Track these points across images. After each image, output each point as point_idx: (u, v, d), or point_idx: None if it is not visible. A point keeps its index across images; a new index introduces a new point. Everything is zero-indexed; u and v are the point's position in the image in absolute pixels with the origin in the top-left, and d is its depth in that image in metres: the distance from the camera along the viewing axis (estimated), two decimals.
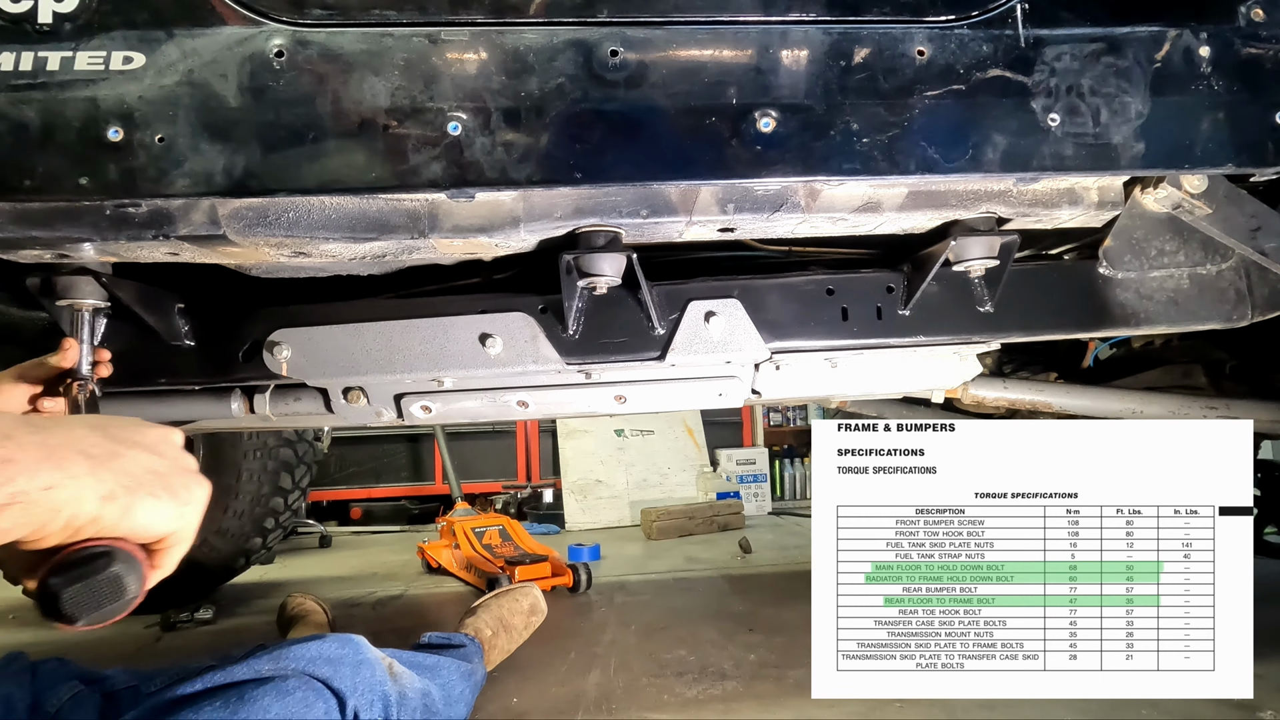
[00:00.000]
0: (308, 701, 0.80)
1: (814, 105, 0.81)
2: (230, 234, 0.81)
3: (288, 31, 0.76)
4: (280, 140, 0.75)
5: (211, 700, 0.77)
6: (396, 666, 0.99)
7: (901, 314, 1.06)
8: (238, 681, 0.80)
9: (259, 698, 0.77)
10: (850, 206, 0.91)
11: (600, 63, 0.79)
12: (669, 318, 1.05)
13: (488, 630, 1.45)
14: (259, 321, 1.06)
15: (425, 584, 2.55)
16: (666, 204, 0.87)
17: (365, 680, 0.88)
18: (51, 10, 0.73)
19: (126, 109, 0.74)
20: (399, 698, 0.93)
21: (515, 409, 1.19)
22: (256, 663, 0.83)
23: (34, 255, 0.84)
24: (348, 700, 0.84)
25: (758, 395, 1.21)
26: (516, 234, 0.88)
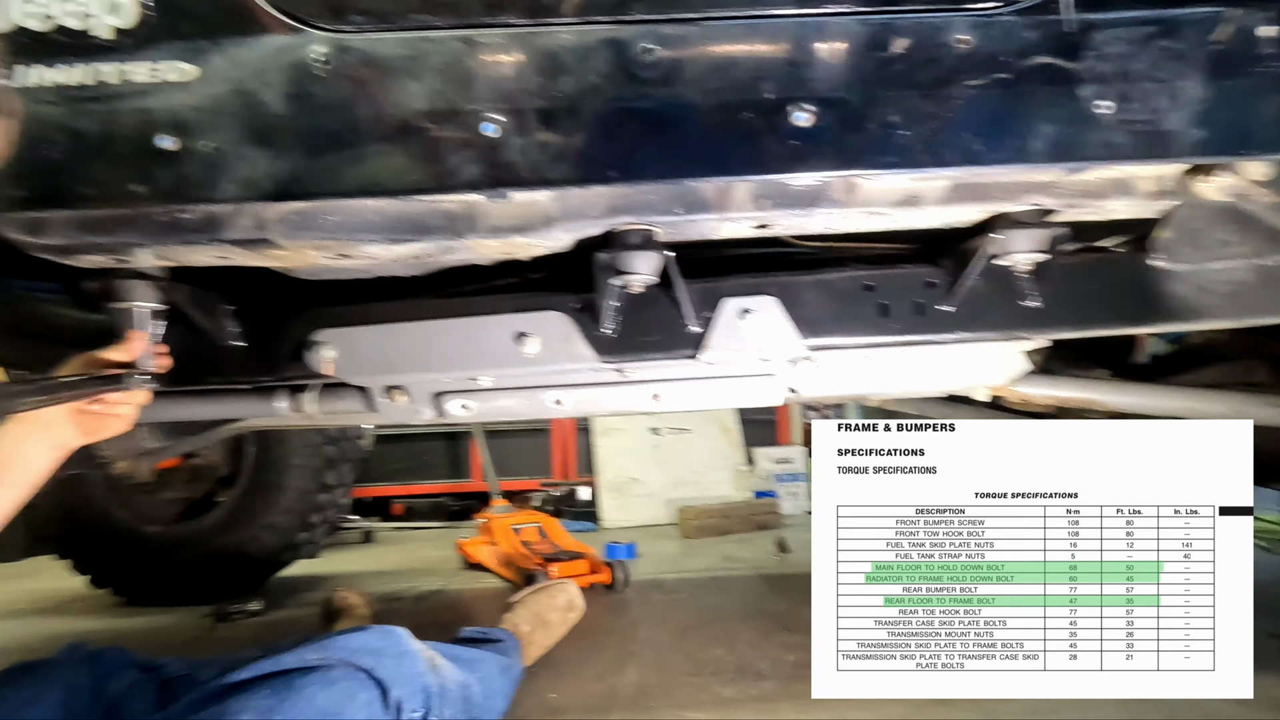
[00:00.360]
0: (351, 691, 0.82)
1: (851, 98, 0.79)
2: (276, 237, 0.83)
3: (329, 39, 0.78)
4: (322, 145, 0.77)
5: (259, 688, 0.79)
6: (438, 659, 1.01)
7: (944, 310, 1.03)
8: (285, 670, 0.82)
9: (304, 686, 0.80)
10: (889, 201, 0.89)
11: (634, 60, 0.79)
12: (704, 315, 1.05)
13: (525, 626, 1.47)
14: (304, 322, 1.09)
15: (464, 580, 2.59)
16: (701, 201, 0.87)
17: (407, 671, 0.90)
18: (110, 25, 0.77)
19: (178, 118, 0.77)
20: (440, 690, 0.94)
21: (551, 407, 1.19)
22: (303, 652, 0.86)
23: (94, 260, 0.88)
24: (390, 691, 0.86)
25: (795, 393, 1.20)
26: (552, 234, 0.88)
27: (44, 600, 2.50)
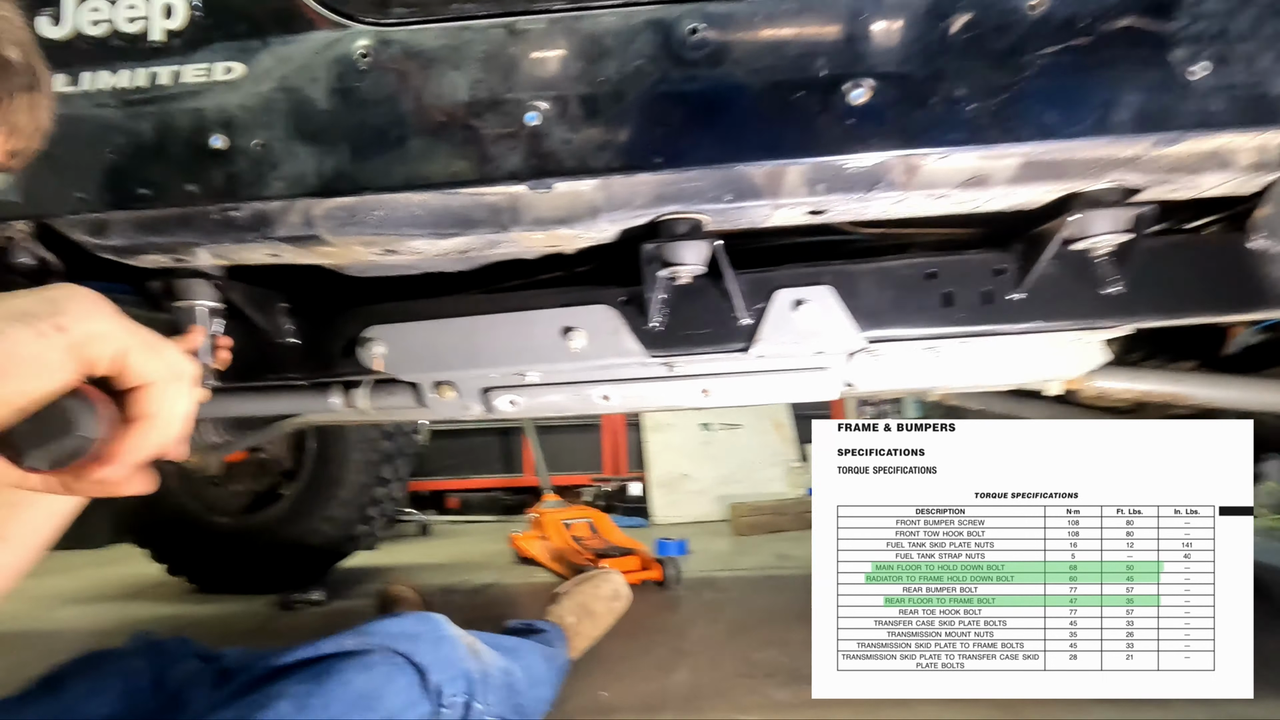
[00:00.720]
0: (390, 675, 0.82)
1: (913, 72, 0.74)
2: (324, 234, 0.84)
3: (372, 32, 0.77)
4: (366, 139, 0.77)
5: (297, 673, 0.79)
6: (478, 645, 1.00)
7: (1013, 298, 0.97)
8: (324, 655, 0.83)
9: (343, 670, 0.80)
10: (954, 181, 0.83)
11: (680, 41, 0.75)
12: (755, 307, 1.01)
13: (570, 617, 1.46)
14: (356, 319, 1.10)
15: (517, 574, 2.61)
16: (751, 187, 0.83)
17: (446, 656, 0.89)
18: (162, 27, 0.78)
19: (228, 117, 0.78)
20: (481, 675, 0.93)
21: (599, 402, 1.18)
22: (341, 638, 0.86)
23: (153, 260, 0.90)
24: (429, 675, 0.85)
25: (851, 388, 1.15)
26: (596, 224, 0.86)
27: (125, 586, 2.64)
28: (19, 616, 2.15)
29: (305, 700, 0.75)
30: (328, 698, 0.76)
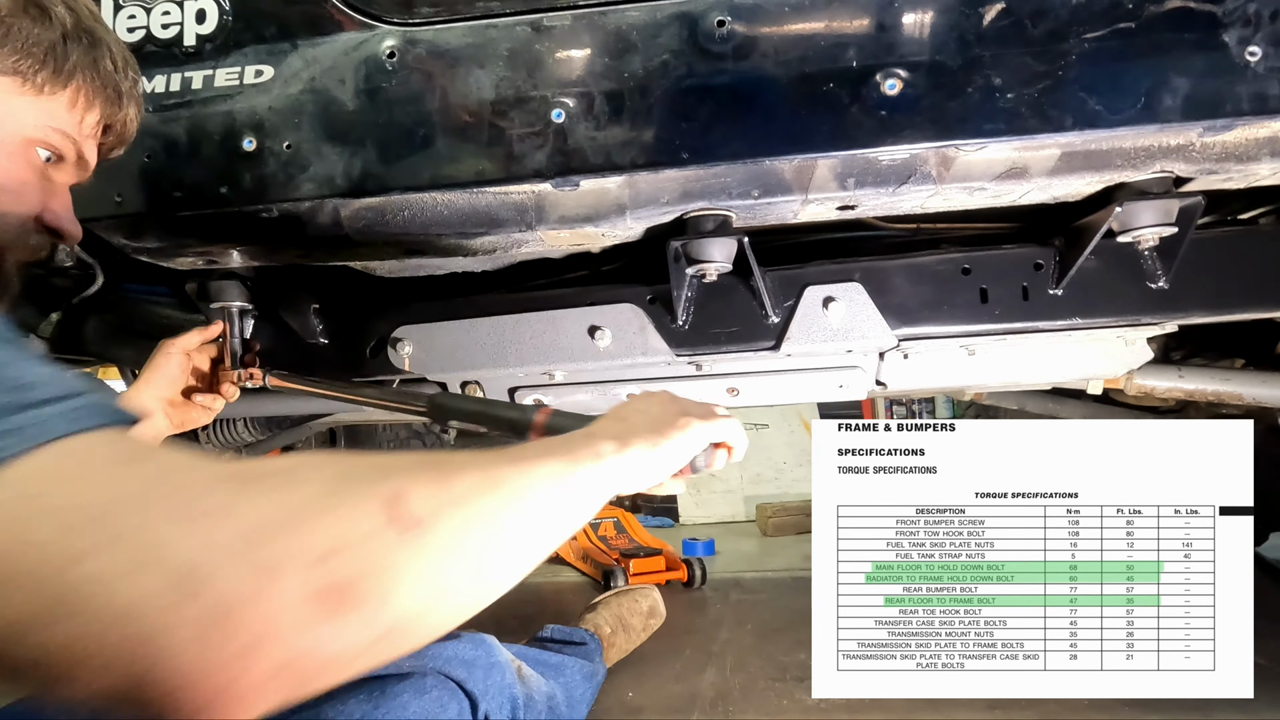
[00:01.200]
0: (443, 702, 0.83)
1: (947, 61, 0.72)
2: (352, 234, 0.84)
3: (399, 32, 0.77)
4: (393, 140, 0.77)
5: (355, 692, 0.80)
6: (525, 669, 1.01)
7: (1053, 293, 0.94)
8: (379, 675, 0.83)
9: (399, 694, 0.80)
10: (991, 174, 0.81)
11: (706, 35, 0.74)
12: (784, 305, 0.99)
13: (607, 628, 1.45)
14: (384, 320, 1.11)
15: (544, 572, 2.62)
16: (780, 182, 0.81)
17: (496, 684, 0.90)
18: (194, 33, 0.79)
19: (258, 120, 0.78)
20: (526, 700, 0.95)
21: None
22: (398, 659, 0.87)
23: (187, 262, 0.91)
24: (480, 704, 0.86)
25: (882, 386, 1.12)
26: (623, 222, 0.85)
27: None
28: None
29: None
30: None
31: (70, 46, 0.58)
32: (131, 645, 0.29)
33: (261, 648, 0.30)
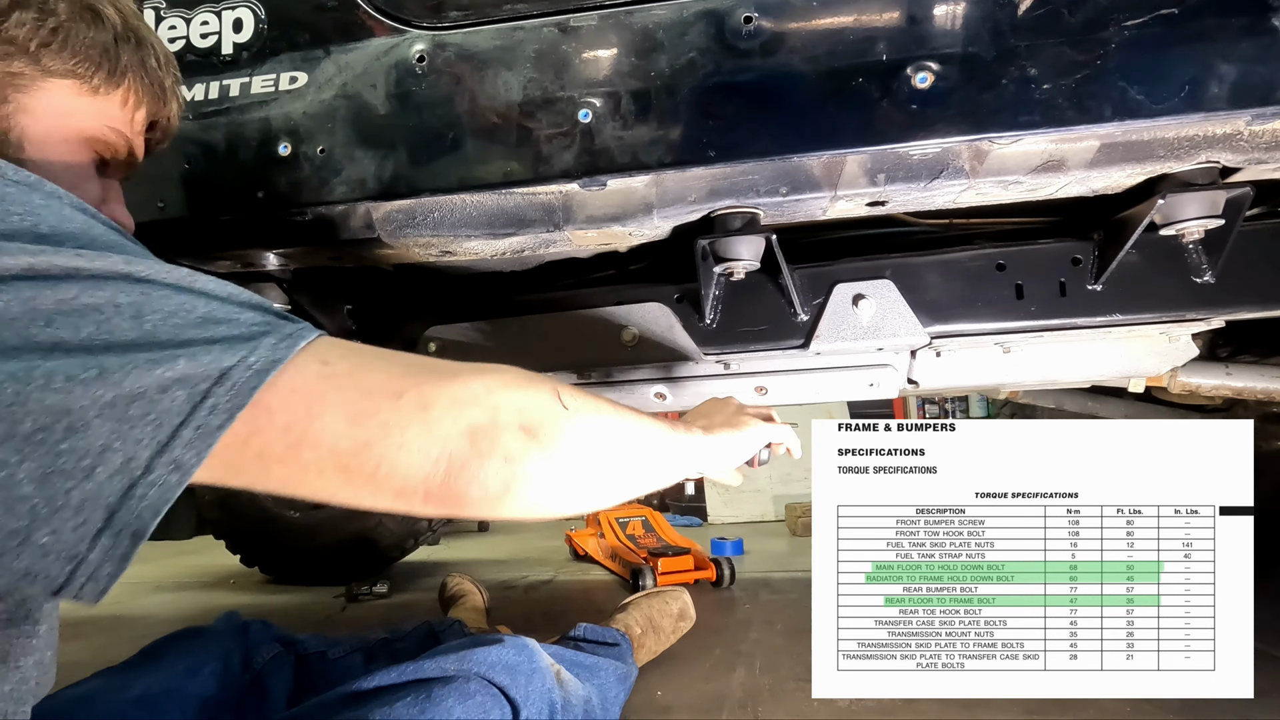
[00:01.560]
0: (485, 707, 0.84)
1: (980, 52, 0.71)
2: (383, 236, 0.86)
3: (428, 36, 0.78)
4: (423, 142, 0.78)
5: (402, 695, 0.81)
6: (564, 674, 1.02)
7: (1091, 289, 0.91)
8: (425, 679, 0.85)
9: (444, 698, 0.82)
10: (1026, 167, 0.79)
11: (733, 32, 0.74)
12: (813, 303, 0.98)
13: (637, 629, 1.46)
14: (414, 320, 1.12)
15: (573, 571, 2.63)
16: (808, 179, 0.81)
17: (537, 689, 0.91)
18: (231, 41, 0.81)
19: (293, 125, 0.80)
20: (564, 703, 0.95)
21: (653, 401, 1.17)
22: (443, 662, 0.88)
23: (226, 265, 0.94)
24: (521, 709, 0.87)
25: (914, 385, 1.11)
26: (650, 221, 0.85)
27: (205, 575, 2.78)
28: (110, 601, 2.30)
29: None
30: None
31: (121, 47, 0.61)
32: (436, 469, 0.47)
33: (498, 458, 0.49)
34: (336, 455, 0.44)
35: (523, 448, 0.50)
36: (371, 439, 0.45)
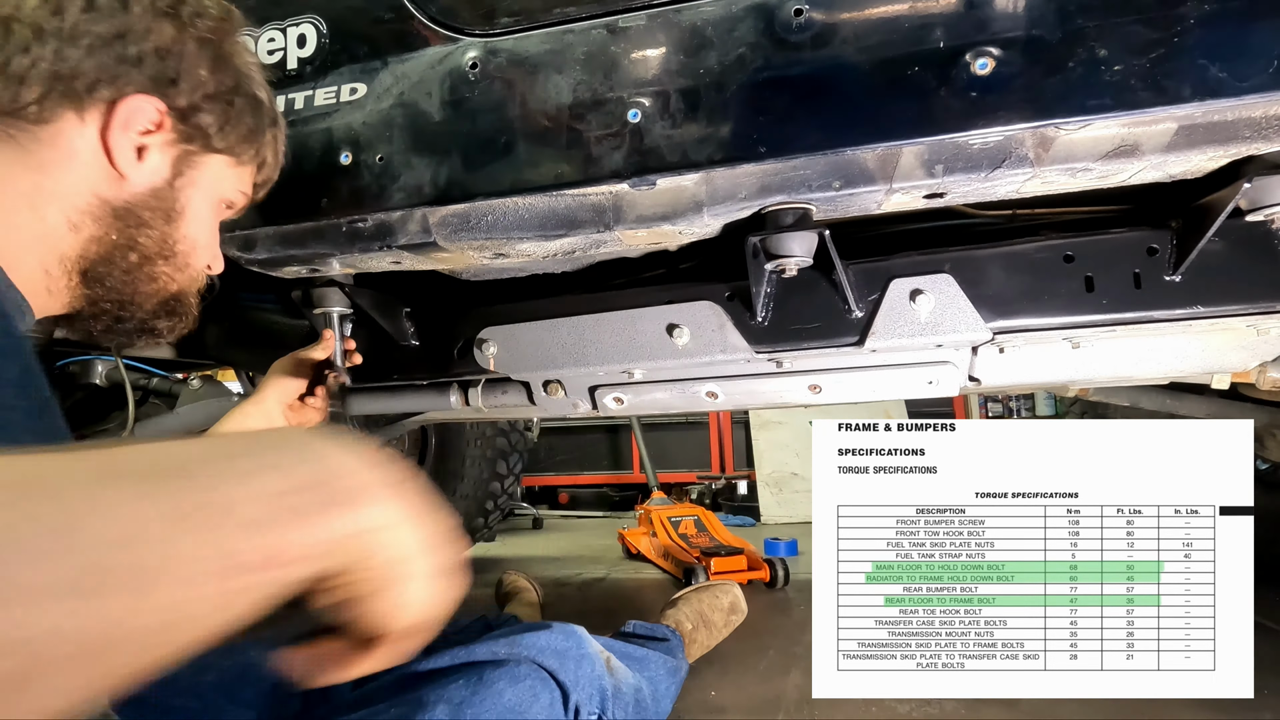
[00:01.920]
0: (535, 691, 0.86)
1: (1044, 35, 0.68)
2: (439, 240, 0.88)
3: (480, 43, 0.80)
4: (476, 147, 0.80)
5: (454, 678, 0.84)
6: (614, 661, 1.03)
7: (1170, 280, 0.86)
8: (477, 662, 0.87)
9: (495, 680, 0.84)
10: (1096, 153, 0.75)
11: (783, 25, 0.73)
12: (868, 299, 0.96)
13: (688, 624, 1.45)
14: (470, 322, 1.15)
15: (626, 569, 2.65)
16: (862, 172, 0.79)
17: (586, 674, 0.92)
18: (296, 56, 0.85)
19: (353, 134, 0.83)
20: (614, 691, 0.96)
21: (704, 400, 1.16)
22: (494, 646, 0.90)
23: (293, 271, 0.98)
24: (570, 694, 0.89)
25: (976, 383, 1.07)
26: (700, 219, 0.85)
27: None
28: None
29: (461, 708, 0.80)
30: (480, 707, 0.81)
31: (267, 129, 0.70)
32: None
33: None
34: None
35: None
36: None
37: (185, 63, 0.61)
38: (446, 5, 0.82)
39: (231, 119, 0.65)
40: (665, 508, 2.85)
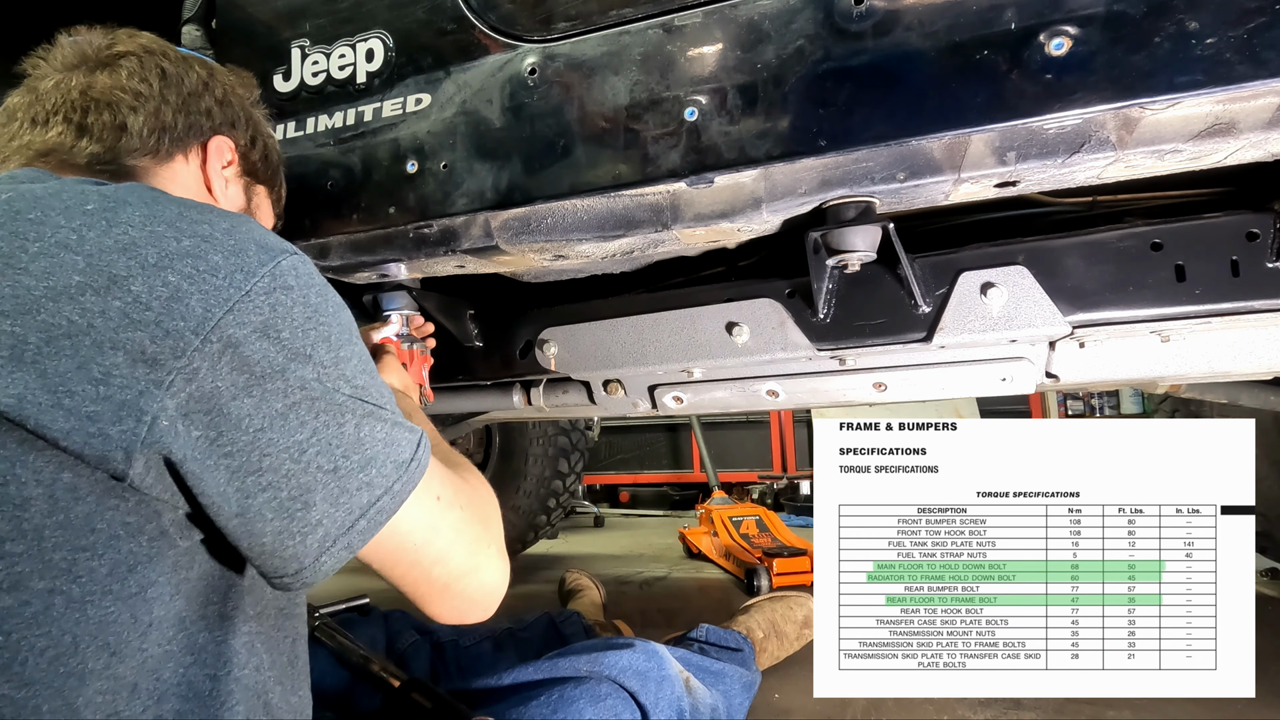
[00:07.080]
0: (616, 710, 0.87)
1: (1126, 9, 0.64)
2: (501, 243, 0.90)
3: (538, 49, 0.81)
4: (535, 151, 0.81)
5: (537, 694, 0.86)
6: (693, 682, 1.03)
7: (1272, 267, 0.80)
8: (559, 678, 0.89)
9: (576, 699, 0.85)
10: (1186, 134, 0.70)
11: (843, 14, 0.71)
12: (935, 293, 0.93)
13: (759, 632, 1.44)
14: (531, 323, 1.17)
15: (687, 568, 2.64)
16: (929, 162, 0.76)
17: (667, 696, 0.93)
18: (364, 70, 0.88)
19: (419, 143, 0.86)
20: (692, 710, 0.97)
21: (765, 398, 1.15)
22: (576, 661, 0.92)
23: (364, 276, 1.02)
24: (650, 715, 0.90)
25: (1054, 379, 1.02)
26: (759, 216, 0.84)
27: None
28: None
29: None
30: None
31: (280, 168, 0.81)
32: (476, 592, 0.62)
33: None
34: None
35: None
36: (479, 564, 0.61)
37: (235, 112, 0.74)
38: (505, 13, 0.84)
39: (267, 157, 0.77)
40: (726, 507, 2.83)
